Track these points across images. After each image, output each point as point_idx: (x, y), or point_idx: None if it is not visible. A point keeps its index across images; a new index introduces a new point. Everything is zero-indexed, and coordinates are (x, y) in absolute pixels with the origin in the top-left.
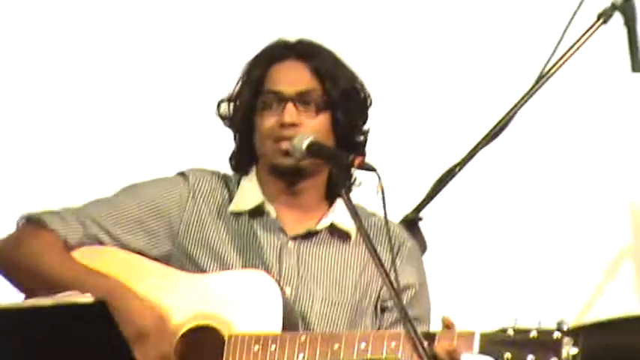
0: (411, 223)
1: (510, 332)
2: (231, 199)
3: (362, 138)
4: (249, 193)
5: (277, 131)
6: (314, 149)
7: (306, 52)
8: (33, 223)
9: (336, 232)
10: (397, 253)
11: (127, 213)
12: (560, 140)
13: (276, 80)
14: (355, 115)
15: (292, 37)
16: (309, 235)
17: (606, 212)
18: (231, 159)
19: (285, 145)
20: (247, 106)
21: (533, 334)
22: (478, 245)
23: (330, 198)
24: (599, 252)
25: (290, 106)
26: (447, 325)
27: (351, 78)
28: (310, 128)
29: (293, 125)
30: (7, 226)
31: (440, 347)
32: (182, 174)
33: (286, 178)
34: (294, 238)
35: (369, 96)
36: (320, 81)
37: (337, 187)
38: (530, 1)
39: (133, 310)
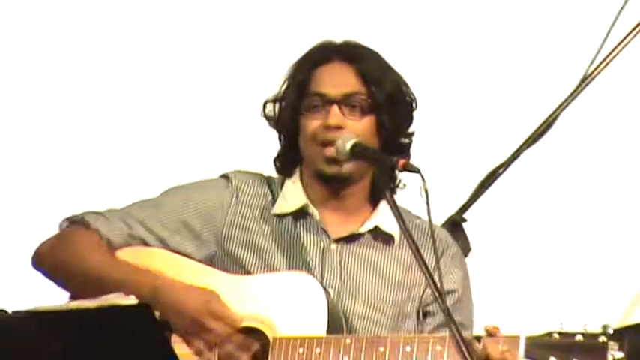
0: (455, 224)
1: (555, 336)
2: (274, 201)
3: (407, 141)
4: (293, 195)
5: (322, 134)
6: (357, 151)
7: (351, 54)
8: (76, 223)
9: (379, 235)
10: (441, 257)
11: (171, 214)
12: (603, 142)
13: (321, 82)
14: (400, 118)
15: (338, 38)
16: (352, 238)
17: None
18: (275, 160)
19: (329, 152)
20: (292, 108)
21: (579, 337)
22: (522, 247)
23: (373, 201)
24: None
25: (335, 108)
26: (491, 334)
27: (397, 81)
28: (355, 131)
29: (338, 128)
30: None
31: (485, 349)
32: (225, 176)
33: (330, 184)
34: (338, 241)
35: (414, 99)
36: (365, 84)
37: (381, 189)
38: (575, 1)
39: (184, 300)
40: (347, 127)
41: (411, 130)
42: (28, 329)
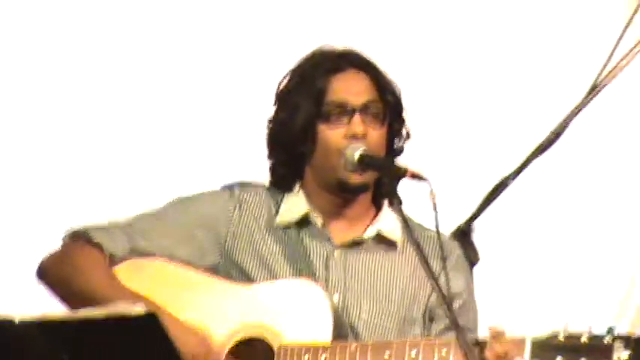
0: (464, 234)
1: (561, 337)
2: (277, 212)
3: (402, 145)
4: (295, 204)
5: (344, 144)
6: (366, 161)
7: (361, 62)
8: (79, 237)
9: (382, 241)
10: (445, 261)
11: (174, 225)
12: (614, 150)
13: (340, 91)
14: (405, 125)
15: (336, 45)
16: (355, 244)
17: None
18: (275, 174)
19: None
20: (308, 117)
21: (584, 339)
22: (527, 249)
23: (375, 206)
24: None
25: (358, 117)
26: (495, 336)
27: (398, 88)
28: (376, 139)
29: (363, 136)
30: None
31: (490, 352)
32: (228, 187)
33: (345, 194)
34: (341, 247)
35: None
36: (379, 92)
37: (389, 197)
38: (584, 10)
39: (175, 338)
40: (368, 136)
41: (405, 133)
42: (36, 337)
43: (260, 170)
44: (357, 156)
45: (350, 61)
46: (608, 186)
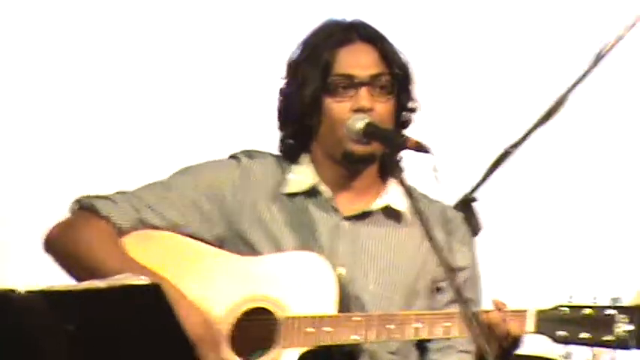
0: (467, 203)
1: (564, 309)
2: (284, 180)
3: (411, 116)
4: (304, 174)
5: (350, 117)
6: (369, 131)
7: (370, 35)
8: (85, 209)
9: (390, 213)
10: (451, 235)
11: (180, 196)
12: (617, 121)
13: (347, 63)
14: (414, 97)
15: (346, 17)
16: (363, 216)
17: None
18: (283, 144)
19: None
20: (315, 90)
21: (587, 311)
22: (531, 222)
23: (383, 179)
24: None
25: (364, 90)
26: (499, 308)
27: (407, 61)
28: (383, 113)
29: (369, 110)
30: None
31: (490, 317)
32: (234, 156)
33: (352, 165)
34: (349, 219)
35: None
36: (387, 65)
37: (392, 168)
38: None
39: (181, 315)
40: (374, 110)
41: (413, 106)
42: (41, 308)
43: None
44: (360, 125)
45: (358, 33)
46: (612, 160)
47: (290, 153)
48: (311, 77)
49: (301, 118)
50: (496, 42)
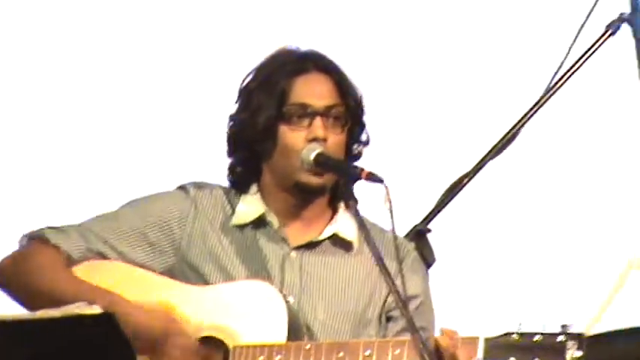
0: (420, 234)
1: (515, 337)
2: (233, 212)
3: (362, 149)
4: (252, 204)
5: (304, 146)
6: (321, 161)
7: (325, 65)
8: (35, 239)
9: (338, 242)
10: (402, 263)
11: (129, 227)
12: (568, 152)
13: (302, 93)
14: (364, 129)
15: (296, 45)
16: (311, 245)
17: (616, 222)
18: (232, 174)
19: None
20: (269, 118)
21: (538, 337)
22: (481, 250)
23: (331, 208)
24: (607, 262)
25: (319, 120)
26: (449, 336)
27: (360, 93)
28: (336, 143)
29: (323, 140)
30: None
31: (440, 345)
32: (183, 188)
33: (303, 195)
34: (297, 248)
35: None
36: (341, 96)
37: (345, 197)
38: (538, 13)
39: (139, 322)
40: (328, 140)
41: (365, 139)
42: None
43: (218, 170)
44: (313, 156)
45: (314, 63)
46: (565, 188)
47: (239, 182)
48: (265, 104)
49: (252, 144)
50: (448, 69)
